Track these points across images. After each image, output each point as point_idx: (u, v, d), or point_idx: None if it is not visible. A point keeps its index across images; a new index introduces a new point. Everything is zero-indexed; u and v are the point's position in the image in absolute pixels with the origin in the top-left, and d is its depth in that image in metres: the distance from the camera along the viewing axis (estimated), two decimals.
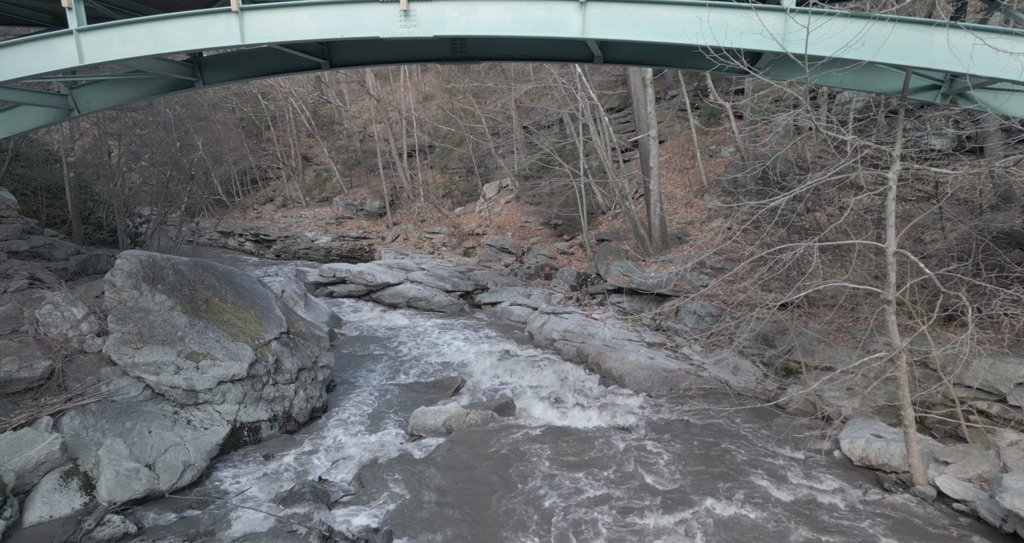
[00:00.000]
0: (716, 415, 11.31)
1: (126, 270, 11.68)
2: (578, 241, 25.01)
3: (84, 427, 9.05)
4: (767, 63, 8.16)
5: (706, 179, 22.92)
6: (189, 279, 12.51)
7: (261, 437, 10.93)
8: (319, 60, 10.20)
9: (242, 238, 38.44)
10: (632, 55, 9.24)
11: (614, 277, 18.36)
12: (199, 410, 10.31)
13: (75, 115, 10.29)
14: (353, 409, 12.57)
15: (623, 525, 8.03)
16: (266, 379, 11.57)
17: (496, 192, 31.36)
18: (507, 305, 20.99)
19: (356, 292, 24.05)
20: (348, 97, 45.04)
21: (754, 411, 11.42)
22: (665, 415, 11.80)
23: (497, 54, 10.17)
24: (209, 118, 24.26)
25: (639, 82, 19.53)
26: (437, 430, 10.94)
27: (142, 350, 10.35)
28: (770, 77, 7.66)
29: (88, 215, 16.88)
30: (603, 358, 14.74)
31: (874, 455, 8.96)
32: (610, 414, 11.97)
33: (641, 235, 19.41)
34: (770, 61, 8.15)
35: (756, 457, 9.69)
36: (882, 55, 6.38)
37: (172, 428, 9.66)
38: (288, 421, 11.63)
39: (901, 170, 7.10)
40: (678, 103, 27.35)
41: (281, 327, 13.02)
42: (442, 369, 15.45)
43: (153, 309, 11.30)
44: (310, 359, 12.98)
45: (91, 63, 8.18)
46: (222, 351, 11.22)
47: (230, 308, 12.62)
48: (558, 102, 25.53)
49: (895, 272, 7.35)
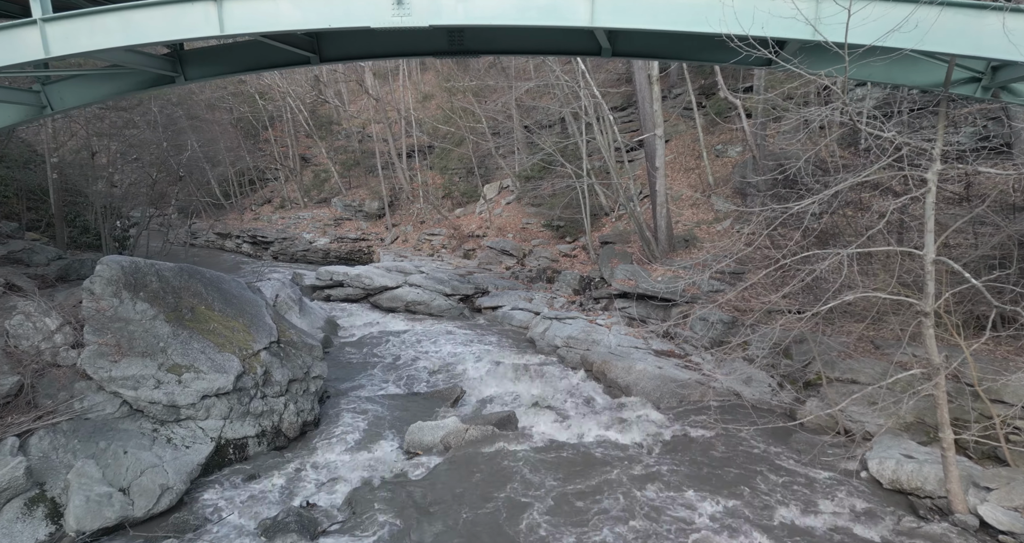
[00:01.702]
0: (732, 431, 10.66)
1: (106, 277, 11.04)
2: (581, 243, 24.36)
3: (53, 448, 8.41)
4: (793, 53, 7.51)
5: (713, 179, 22.28)
6: (174, 286, 11.87)
7: (248, 455, 10.29)
8: (308, 54, 9.56)
9: (239, 240, 37.86)
10: (644, 47, 8.58)
11: (619, 281, 17.71)
12: (181, 427, 9.66)
13: (48, 113, 9.66)
14: (347, 422, 11.91)
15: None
16: (254, 392, 10.92)
17: (496, 193, 30.75)
18: (508, 309, 20.35)
19: (354, 296, 23.43)
20: (347, 97, 44.45)
21: (769, 423, 10.75)
22: (676, 429, 11.15)
23: (498, 47, 9.53)
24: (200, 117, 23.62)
25: (644, 79, 18.89)
26: (434, 447, 10.29)
27: (120, 363, 9.71)
28: (799, 69, 6.98)
29: (74, 218, 16.26)
30: (608, 367, 14.09)
31: (906, 478, 8.31)
32: (618, 428, 11.32)
33: (647, 238, 18.76)
34: (796, 51, 7.49)
35: (777, 478, 9.04)
36: (927, 42, 5.74)
37: (150, 448, 9.01)
38: (277, 436, 10.98)
39: (941, 170, 6.47)
40: (683, 101, 26.73)
41: (271, 336, 12.38)
42: (441, 378, 14.80)
43: (134, 318, 10.66)
44: (302, 370, 12.34)
45: (58, 55, 7.55)
46: (207, 363, 10.58)
47: (217, 316, 11.98)
48: (560, 101, 24.91)
49: (934, 282, 6.71)
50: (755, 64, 7.96)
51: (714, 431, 10.63)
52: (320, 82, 44.33)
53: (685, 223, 21.01)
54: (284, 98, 39.48)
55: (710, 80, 25.65)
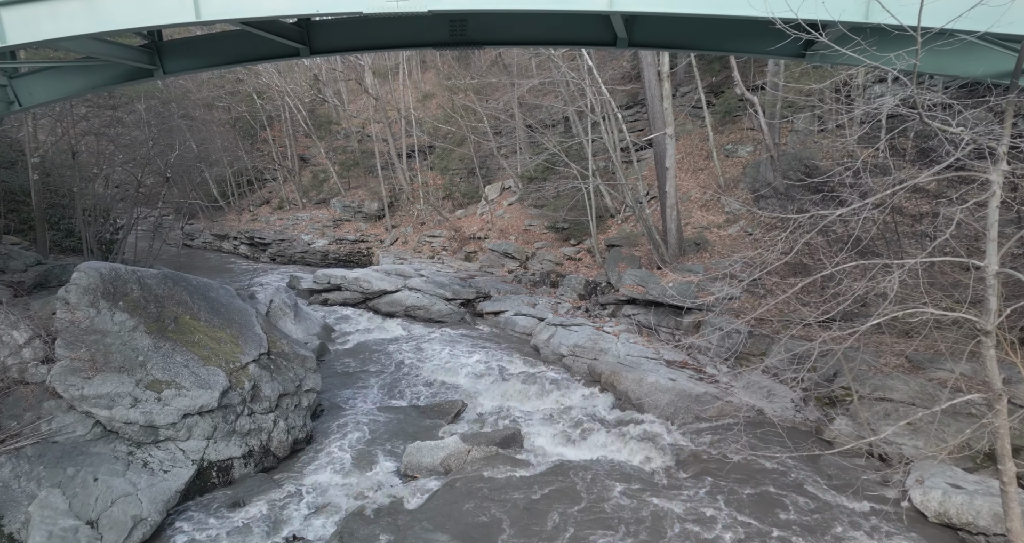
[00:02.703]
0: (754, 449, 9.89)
1: (83, 285, 10.30)
2: (586, 246, 23.58)
3: (16, 476, 7.66)
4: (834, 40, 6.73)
5: (723, 180, 21.51)
6: (157, 294, 11.12)
7: (233, 478, 9.53)
8: (297, 45, 8.79)
9: (237, 241, 37.22)
10: (665, 35, 7.80)
11: (628, 287, 16.95)
12: (159, 449, 8.91)
13: (16, 109, 8.92)
14: (341, 440, 11.17)
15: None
16: (241, 409, 10.18)
17: (498, 194, 29.99)
18: (511, 315, 19.60)
19: (352, 300, 22.70)
20: (346, 96, 43.69)
21: (796, 444, 9.99)
22: (693, 449, 10.39)
23: (503, 37, 8.76)
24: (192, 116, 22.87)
25: (653, 76, 18.12)
26: (434, 470, 9.53)
27: (94, 380, 8.96)
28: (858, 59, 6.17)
29: (58, 221, 15.51)
30: (618, 378, 13.34)
31: (955, 511, 7.54)
32: (630, 448, 10.57)
33: (656, 241, 17.99)
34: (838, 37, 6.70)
35: (809, 506, 8.28)
36: (1002, 24, 4.98)
37: (124, 473, 8.26)
38: (266, 456, 10.23)
39: (1008, 171, 5.72)
40: (691, 100, 25.95)
41: (261, 347, 11.63)
42: (441, 390, 14.05)
43: (111, 330, 9.91)
44: (293, 383, 11.59)
45: (16, 44, 6.81)
46: (190, 378, 9.83)
47: (203, 327, 11.23)
48: (564, 99, 24.14)
49: (996, 296, 5.97)
50: (786, 55, 7.21)
51: (737, 454, 9.86)
52: (319, 81, 43.58)
53: (695, 225, 20.24)
54: (282, 97, 38.78)
55: (720, 77, 24.89)
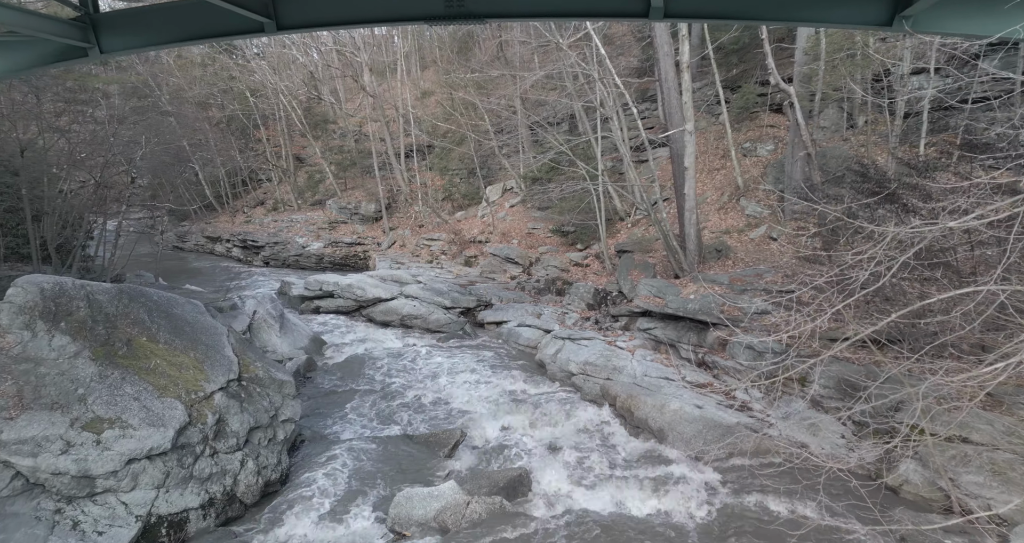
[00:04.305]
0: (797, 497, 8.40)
1: (19, 303, 8.84)
2: (594, 251, 22.10)
3: None
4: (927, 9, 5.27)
5: (742, 181, 20.02)
6: (108, 313, 9.65)
7: (188, 534, 8.05)
8: (261, 19, 7.32)
9: (230, 244, 35.90)
10: (711, 3, 6.30)
11: (643, 298, 15.45)
12: (95, 504, 7.44)
13: None
14: (320, 480, 9.67)
15: None
16: (201, 449, 8.71)
17: (500, 195, 28.53)
18: (514, 326, 18.12)
19: (345, 308, 21.28)
20: (342, 94, 42.32)
21: (847, 488, 8.46)
22: (728, 493, 8.91)
23: (508, 9, 7.26)
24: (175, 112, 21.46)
25: (670, 68, 16.64)
26: (427, 526, 8.04)
27: (17, 420, 7.49)
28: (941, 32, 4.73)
29: (16, 225, 14.07)
30: (636, 403, 11.83)
31: None
32: (655, 491, 9.09)
33: (672, 247, 16.50)
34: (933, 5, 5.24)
35: None
36: None
37: (46, 539, 6.80)
38: (230, 504, 8.75)
39: None
40: (705, 96, 24.49)
41: (230, 373, 10.16)
42: (437, 415, 12.57)
43: (47, 357, 8.44)
44: (267, 413, 10.13)
45: None
46: (140, 413, 8.36)
47: (162, 350, 9.77)
48: (571, 94, 22.69)
49: None
50: (868, 23, 5.73)
51: (782, 501, 8.36)
52: (315, 79, 42.25)
53: (713, 230, 18.75)
54: (277, 96, 37.41)
55: (738, 71, 23.40)
